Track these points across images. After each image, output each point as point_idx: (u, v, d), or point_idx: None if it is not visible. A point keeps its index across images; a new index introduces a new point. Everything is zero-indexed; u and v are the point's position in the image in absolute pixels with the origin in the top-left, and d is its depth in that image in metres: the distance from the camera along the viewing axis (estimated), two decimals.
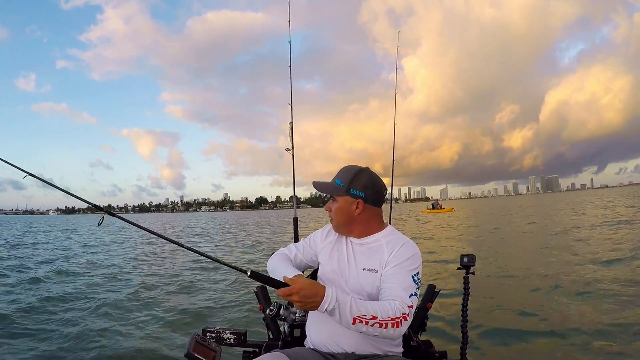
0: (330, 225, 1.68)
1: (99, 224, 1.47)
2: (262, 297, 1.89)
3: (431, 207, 43.64)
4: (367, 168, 1.59)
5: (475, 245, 11.89)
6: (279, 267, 1.57)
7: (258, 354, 1.72)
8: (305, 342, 1.61)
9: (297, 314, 1.32)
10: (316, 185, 1.66)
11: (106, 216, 1.46)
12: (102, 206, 1.47)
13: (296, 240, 2.63)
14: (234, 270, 1.38)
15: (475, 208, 54.41)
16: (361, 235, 1.57)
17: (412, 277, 1.42)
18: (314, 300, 1.25)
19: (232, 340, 1.68)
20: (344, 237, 1.62)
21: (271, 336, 1.84)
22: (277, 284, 1.30)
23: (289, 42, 2.89)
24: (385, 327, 1.28)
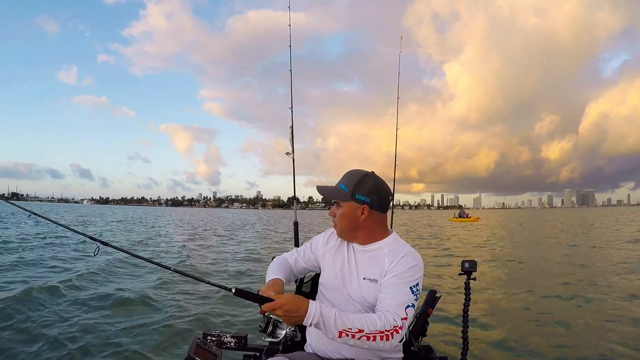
0: (331, 230, 1.65)
1: (94, 254, 1.59)
2: None
3: (458, 215, 43.88)
4: (373, 172, 1.55)
5: (487, 252, 11.83)
6: (270, 271, 1.60)
7: (258, 358, 1.75)
8: (305, 347, 1.62)
9: (287, 329, 1.34)
10: (320, 189, 1.61)
11: (101, 246, 1.58)
12: (95, 237, 1.60)
13: (297, 244, 2.63)
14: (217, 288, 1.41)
15: (503, 219, 53.44)
16: (365, 241, 1.54)
17: (411, 288, 1.39)
18: (297, 315, 1.27)
19: (232, 344, 1.68)
20: (346, 242, 1.59)
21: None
22: (261, 300, 1.30)
23: (289, 46, 2.89)
24: (374, 339, 1.27)
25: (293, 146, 2.56)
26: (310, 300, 1.30)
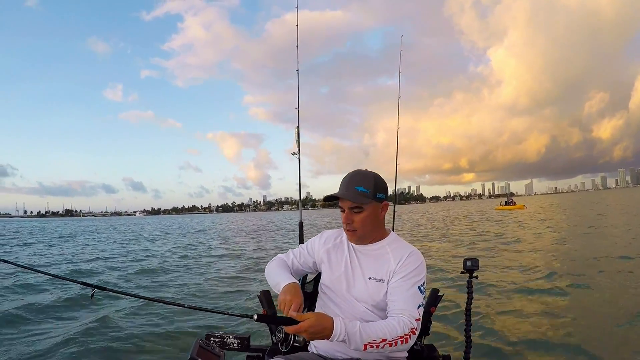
0: (327, 232, 1.67)
1: (91, 297, 1.60)
2: (266, 301, 1.90)
3: (504, 203, 42.80)
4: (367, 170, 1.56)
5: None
6: (275, 274, 1.58)
7: (261, 359, 1.76)
8: (309, 347, 1.62)
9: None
10: (343, 196, 1.48)
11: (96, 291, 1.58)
12: (90, 283, 1.61)
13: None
14: (239, 317, 1.44)
15: (549, 204, 50.67)
16: (372, 240, 1.54)
17: (419, 287, 1.42)
18: (323, 334, 1.27)
19: (235, 345, 1.66)
20: (347, 243, 1.59)
21: (275, 341, 1.87)
22: (286, 322, 1.31)
23: (297, 46, 2.88)
24: (395, 344, 1.30)
25: (299, 146, 2.57)
26: (334, 317, 1.30)
